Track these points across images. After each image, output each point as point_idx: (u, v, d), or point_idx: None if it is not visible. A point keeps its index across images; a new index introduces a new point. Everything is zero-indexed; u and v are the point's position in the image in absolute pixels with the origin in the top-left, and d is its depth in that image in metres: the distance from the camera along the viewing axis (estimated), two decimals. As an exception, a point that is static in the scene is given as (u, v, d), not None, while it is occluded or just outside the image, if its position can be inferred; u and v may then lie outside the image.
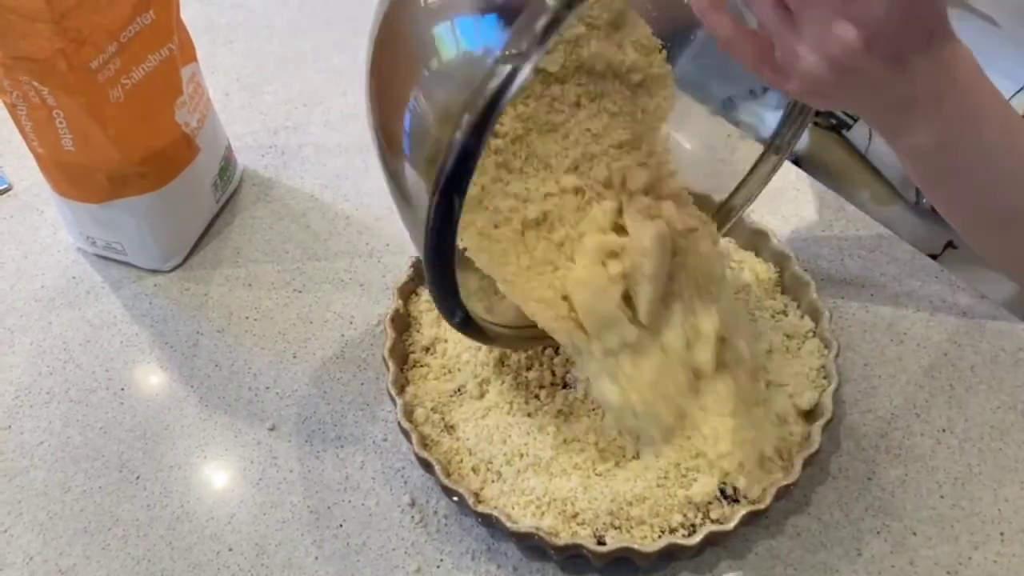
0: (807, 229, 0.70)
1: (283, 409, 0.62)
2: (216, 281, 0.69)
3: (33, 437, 0.61)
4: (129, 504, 0.58)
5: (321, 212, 0.73)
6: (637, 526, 0.52)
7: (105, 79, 0.57)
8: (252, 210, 0.73)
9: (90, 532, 0.57)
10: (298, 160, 0.77)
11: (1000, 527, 0.55)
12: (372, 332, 0.65)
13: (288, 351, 0.65)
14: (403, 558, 0.55)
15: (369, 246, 0.70)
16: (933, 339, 0.63)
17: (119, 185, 0.63)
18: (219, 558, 0.55)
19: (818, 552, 0.54)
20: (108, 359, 0.65)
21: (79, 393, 0.63)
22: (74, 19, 0.54)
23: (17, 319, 0.67)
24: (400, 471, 0.58)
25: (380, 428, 0.60)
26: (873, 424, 0.59)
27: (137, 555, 0.56)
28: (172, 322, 0.67)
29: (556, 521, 0.51)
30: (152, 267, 0.69)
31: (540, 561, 0.54)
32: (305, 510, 0.57)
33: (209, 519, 0.57)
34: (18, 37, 0.54)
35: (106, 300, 0.68)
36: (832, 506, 0.56)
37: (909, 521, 0.55)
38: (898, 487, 0.56)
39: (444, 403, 0.57)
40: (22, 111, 0.59)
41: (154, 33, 0.60)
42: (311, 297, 0.68)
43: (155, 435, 0.61)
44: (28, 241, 0.72)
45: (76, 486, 0.59)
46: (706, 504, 0.52)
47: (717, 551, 0.54)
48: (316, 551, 0.55)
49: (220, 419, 0.61)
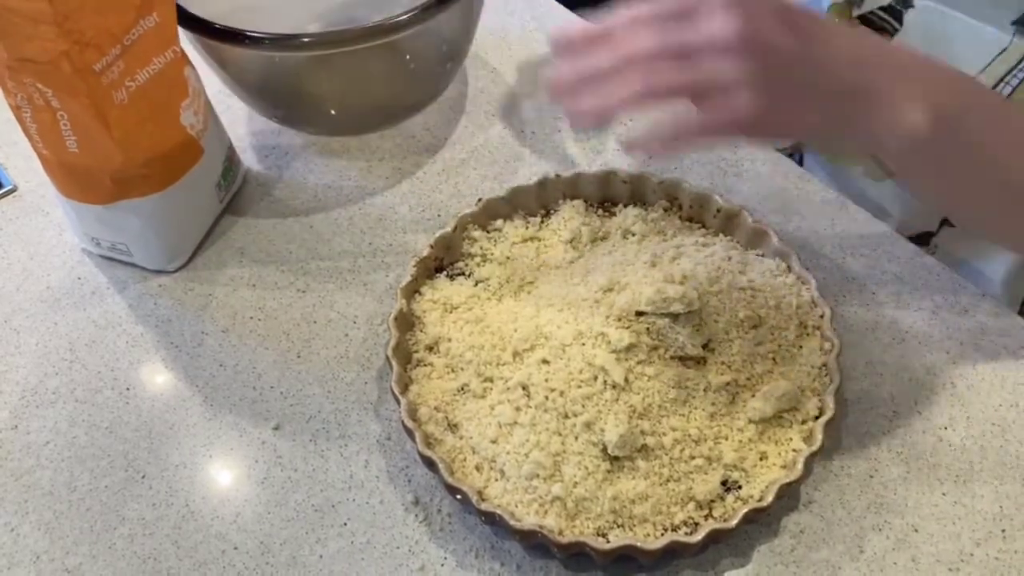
0: (808, 227, 0.70)
1: (287, 408, 0.62)
2: (220, 281, 0.69)
3: (39, 437, 0.61)
4: (135, 503, 0.58)
5: (324, 212, 0.73)
6: (640, 524, 0.52)
7: (109, 81, 0.58)
8: (255, 210, 0.74)
9: (96, 531, 0.57)
10: (301, 160, 0.77)
11: (1002, 524, 0.55)
12: (376, 331, 0.66)
13: (292, 351, 0.65)
14: (407, 556, 0.55)
15: (372, 246, 0.71)
16: (935, 337, 0.64)
17: (124, 186, 0.63)
18: (224, 556, 0.56)
19: (820, 550, 0.54)
20: (113, 359, 0.65)
21: (85, 393, 0.63)
22: (77, 21, 0.54)
23: (23, 320, 0.68)
24: (404, 470, 0.59)
25: (384, 427, 0.61)
26: (875, 422, 0.59)
27: (143, 554, 0.56)
28: (177, 322, 0.67)
29: (559, 519, 0.52)
30: (157, 268, 0.70)
31: (543, 559, 0.55)
32: (309, 509, 0.57)
33: (214, 518, 0.57)
34: (22, 39, 0.54)
35: (111, 301, 0.68)
36: (834, 504, 0.56)
37: (911, 518, 0.55)
38: (900, 484, 0.57)
39: (448, 402, 0.57)
40: (27, 113, 0.59)
41: (158, 36, 0.60)
42: (315, 297, 0.68)
43: (160, 434, 0.61)
44: (34, 242, 0.72)
45: (82, 485, 0.59)
46: (708, 502, 0.53)
47: (719, 549, 0.55)
48: (320, 549, 0.56)
49: (225, 418, 0.62)
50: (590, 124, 0.49)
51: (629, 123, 0.63)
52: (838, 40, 0.49)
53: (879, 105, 0.49)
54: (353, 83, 0.75)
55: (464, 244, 0.65)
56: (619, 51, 0.48)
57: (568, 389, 0.54)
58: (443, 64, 0.75)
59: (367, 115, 0.78)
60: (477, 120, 0.79)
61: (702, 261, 0.60)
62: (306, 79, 0.73)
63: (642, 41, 0.48)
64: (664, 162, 0.61)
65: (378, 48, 0.65)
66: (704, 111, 0.48)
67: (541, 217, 0.67)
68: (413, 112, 0.78)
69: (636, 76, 0.48)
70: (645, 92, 0.48)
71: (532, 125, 0.78)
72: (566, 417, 0.54)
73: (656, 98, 0.48)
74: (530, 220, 0.66)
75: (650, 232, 0.64)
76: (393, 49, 0.70)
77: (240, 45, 0.64)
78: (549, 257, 0.64)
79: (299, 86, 0.73)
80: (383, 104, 0.77)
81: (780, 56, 0.47)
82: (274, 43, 0.63)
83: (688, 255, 0.60)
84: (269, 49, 0.64)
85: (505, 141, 0.77)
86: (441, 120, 0.79)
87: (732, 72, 0.46)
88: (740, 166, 0.74)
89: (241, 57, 0.69)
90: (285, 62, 0.71)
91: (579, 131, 0.65)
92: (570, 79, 0.50)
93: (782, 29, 0.47)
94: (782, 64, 0.47)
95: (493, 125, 0.78)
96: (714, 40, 0.46)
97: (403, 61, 0.74)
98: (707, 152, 0.75)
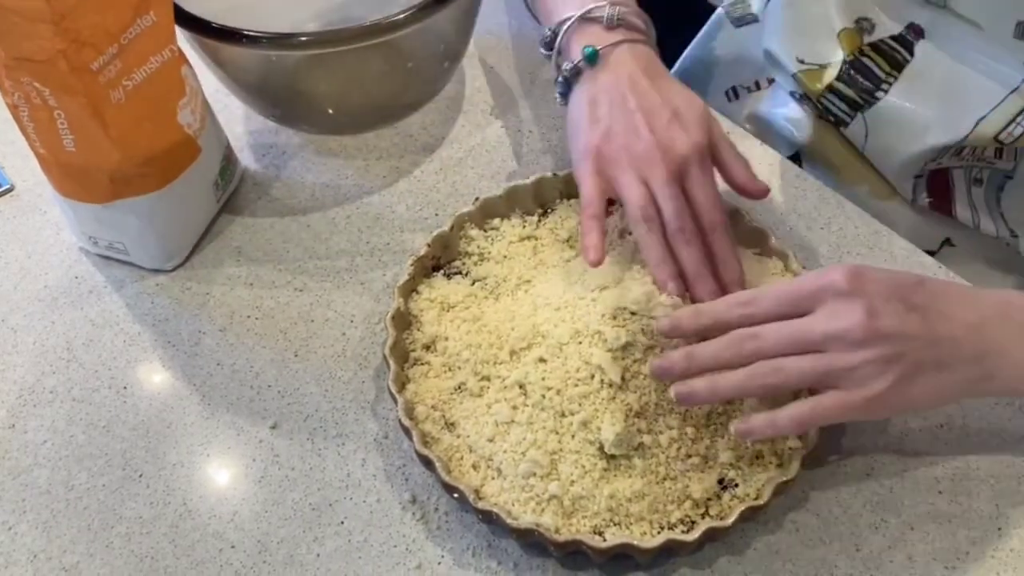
0: (806, 227, 0.70)
1: (285, 407, 0.62)
2: (218, 280, 0.69)
3: (37, 436, 0.61)
4: (132, 502, 0.58)
5: (322, 211, 0.73)
6: (636, 522, 0.52)
7: (106, 80, 0.58)
8: (253, 209, 0.74)
9: (93, 530, 0.57)
10: (298, 159, 0.77)
11: (998, 522, 0.55)
12: (373, 330, 0.66)
13: (289, 350, 0.65)
14: (404, 555, 0.55)
15: (370, 244, 0.71)
16: (931, 335, 0.63)
17: (121, 185, 0.63)
18: (222, 555, 0.56)
19: (817, 548, 0.55)
20: (111, 358, 0.65)
21: (82, 392, 0.63)
22: (74, 20, 0.54)
23: (20, 319, 0.68)
24: (401, 468, 0.59)
25: (381, 426, 0.61)
26: (871, 420, 0.59)
27: (140, 553, 0.56)
28: (174, 321, 0.67)
29: (556, 517, 0.52)
30: (154, 267, 0.69)
31: (540, 557, 0.55)
32: (307, 507, 0.57)
33: (211, 517, 0.57)
34: (19, 38, 0.54)
35: (109, 299, 0.68)
36: (830, 502, 0.56)
37: (907, 516, 0.55)
38: (896, 483, 0.57)
39: (445, 400, 0.57)
40: (24, 112, 0.59)
41: (155, 35, 0.60)
42: (312, 296, 0.68)
43: (158, 433, 0.61)
44: (31, 241, 0.72)
45: (79, 484, 0.59)
46: (705, 500, 0.53)
47: (716, 547, 0.55)
48: (318, 548, 0.56)
49: (222, 417, 0.62)
50: (699, 403, 0.52)
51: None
52: (956, 309, 0.50)
53: (1010, 364, 0.50)
54: (351, 82, 0.75)
55: (461, 243, 0.65)
56: (743, 346, 0.50)
57: (565, 388, 0.54)
58: (441, 63, 0.75)
59: (365, 114, 0.78)
60: (475, 119, 0.79)
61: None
62: (303, 78, 0.73)
63: (768, 337, 0.50)
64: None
65: (376, 47, 0.65)
66: (832, 396, 0.49)
67: (538, 216, 0.67)
68: (411, 111, 0.78)
69: (761, 372, 0.49)
70: (777, 385, 0.49)
71: (529, 124, 0.78)
72: (563, 416, 0.54)
73: (786, 388, 0.50)
74: (527, 219, 0.67)
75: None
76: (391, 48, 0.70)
77: (237, 44, 0.64)
78: (546, 256, 0.64)
79: (296, 85, 0.73)
80: (381, 103, 0.77)
81: (906, 341, 0.48)
82: (271, 42, 0.63)
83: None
84: (266, 48, 0.64)
85: (503, 140, 0.77)
86: (439, 119, 0.79)
87: (861, 361, 0.48)
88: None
89: (238, 56, 0.69)
90: (282, 61, 0.71)
91: None
92: (684, 367, 0.51)
93: (903, 312, 0.49)
94: (909, 348, 0.48)
95: (491, 124, 0.78)
96: (840, 334, 0.48)
97: (401, 60, 0.74)
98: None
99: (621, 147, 0.58)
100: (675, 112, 0.59)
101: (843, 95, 0.73)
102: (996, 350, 0.50)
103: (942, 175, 0.74)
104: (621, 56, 0.61)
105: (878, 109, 0.72)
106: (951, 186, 0.75)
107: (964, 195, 0.74)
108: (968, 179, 0.74)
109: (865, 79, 0.72)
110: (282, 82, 0.73)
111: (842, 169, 0.78)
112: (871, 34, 0.72)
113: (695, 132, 0.58)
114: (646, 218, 0.56)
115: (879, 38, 0.72)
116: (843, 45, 0.74)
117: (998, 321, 0.51)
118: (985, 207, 0.74)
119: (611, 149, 0.59)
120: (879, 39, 0.72)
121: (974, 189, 0.74)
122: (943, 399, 0.51)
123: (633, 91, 0.60)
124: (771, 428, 0.50)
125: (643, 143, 0.58)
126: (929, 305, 0.50)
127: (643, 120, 0.58)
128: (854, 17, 0.73)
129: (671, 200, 0.56)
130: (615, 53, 0.61)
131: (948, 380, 0.50)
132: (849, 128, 0.75)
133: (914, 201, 0.76)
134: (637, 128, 0.58)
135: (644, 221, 0.56)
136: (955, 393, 0.51)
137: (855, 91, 0.73)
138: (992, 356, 0.50)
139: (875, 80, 0.72)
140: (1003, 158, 0.70)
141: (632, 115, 0.59)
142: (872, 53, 0.72)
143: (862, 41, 0.73)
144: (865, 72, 0.72)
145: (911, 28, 0.70)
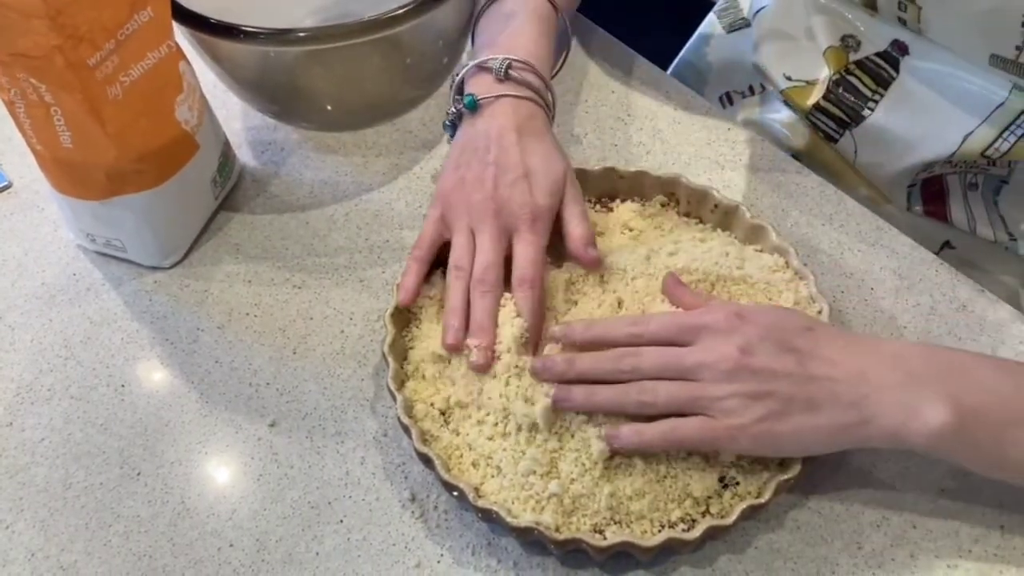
0: (807, 223, 0.70)
1: (283, 405, 0.62)
2: (216, 277, 0.69)
3: (34, 434, 0.61)
4: (130, 500, 0.58)
5: (320, 208, 0.73)
6: (637, 520, 0.52)
7: (103, 76, 0.57)
8: (251, 206, 0.73)
9: (91, 528, 0.57)
10: (297, 156, 0.77)
11: (1000, 520, 0.55)
12: (372, 328, 0.65)
13: (288, 347, 0.65)
14: (403, 553, 0.55)
15: (368, 242, 0.70)
16: (933, 332, 0.63)
17: (118, 182, 0.63)
18: (220, 554, 0.55)
19: (818, 546, 0.54)
20: (109, 356, 0.65)
21: (80, 390, 0.63)
22: (71, 16, 0.54)
23: (18, 316, 0.67)
24: (400, 466, 0.58)
25: (380, 424, 0.60)
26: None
27: (138, 551, 0.56)
28: (172, 319, 0.67)
29: (556, 516, 0.52)
30: (152, 264, 0.69)
31: (540, 556, 0.54)
32: (305, 506, 0.57)
33: (210, 515, 0.57)
34: (16, 34, 0.54)
35: (106, 297, 0.68)
36: (832, 500, 0.56)
37: (909, 514, 0.55)
38: (898, 480, 0.57)
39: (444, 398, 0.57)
40: (20, 108, 0.59)
41: (152, 31, 0.60)
42: (311, 293, 0.68)
43: (156, 431, 0.61)
44: (28, 238, 0.72)
45: (77, 483, 0.59)
46: (706, 499, 0.53)
47: (717, 545, 0.54)
48: (317, 547, 0.55)
49: (221, 415, 0.61)
50: (573, 409, 0.54)
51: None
52: (841, 355, 0.51)
53: (888, 406, 0.49)
54: (349, 78, 0.74)
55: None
56: (621, 361, 0.52)
57: None
58: (440, 59, 0.75)
59: (363, 111, 0.77)
60: (474, 115, 0.79)
61: (700, 256, 0.60)
62: (302, 74, 0.73)
63: (646, 358, 0.52)
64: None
65: (374, 43, 0.64)
66: (697, 419, 0.51)
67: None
68: (410, 107, 0.78)
69: (635, 389, 0.52)
70: (648, 403, 0.51)
71: (529, 120, 0.78)
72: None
73: (655, 409, 0.51)
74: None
75: (648, 227, 0.64)
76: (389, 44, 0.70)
77: (235, 40, 0.63)
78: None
79: (295, 81, 0.73)
80: (379, 100, 0.77)
81: (776, 380, 0.50)
82: (269, 38, 0.63)
83: (686, 250, 0.60)
84: (264, 44, 0.64)
85: (502, 136, 0.77)
86: (438, 115, 0.79)
87: (728, 393, 0.50)
88: (738, 162, 0.74)
89: (236, 52, 0.68)
90: (281, 57, 0.70)
91: None
92: (563, 370, 0.53)
93: (777, 352, 0.50)
94: (778, 385, 0.50)
95: (490, 120, 0.78)
96: (711, 365, 0.50)
97: (399, 56, 0.74)
98: (705, 147, 0.75)
99: (465, 197, 0.60)
100: (527, 172, 0.60)
101: (830, 113, 0.74)
102: (875, 394, 0.49)
103: (936, 181, 0.74)
104: (501, 108, 0.62)
105: (865, 127, 0.73)
106: (946, 192, 0.75)
107: (960, 200, 0.75)
108: (963, 184, 0.74)
109: (851, 96, 0.72)
110: (280, 78, 0.73)
111: (838, 176, 0.78)
112: (857, 52, 0.73)
113: (539, 195, 0.59)
114: (457, 266, 0.58)
115: (865, 55, 0.72)
116: (829, 63, 0.74)
117: (885, 370, 0.50)
118: (983, 211, 0.74)
119: (457, 198, 0.60)
120: (864, 56, 0.72)
121: (970, 193, 0.74)
122: (817, 442, 0.51)
123: (498, 144, 0.61)
124: (637, 437, 0.51)
125: (482, 196, 0.59)
126: (811, 349, 0.51)
127: (492, 174, 0.60)
128: (839, 35, 0.73)
129: (483, 253, 0.58)
130: (496, 104, 0.62)
131: (821, 422, 0.50)
132: (839, 144, 0.76)
133: (909, 209, 0.76)
134: (484, 181, 0.60)
135: (455, 269, 0.58)
136: (829, 435, 0.50)
137: (841, 109, 0.73)
138: (871, 399, 0.49)
139: (861, 98, 0.73)
140: (996, 165, 0.70)
141: (487, 168, 0.60)
142: (857, 71, 0.73)
143: (848, 59, 0.73)
144: (851, 89, 0.73)
145: (896, 44, 0.71)
